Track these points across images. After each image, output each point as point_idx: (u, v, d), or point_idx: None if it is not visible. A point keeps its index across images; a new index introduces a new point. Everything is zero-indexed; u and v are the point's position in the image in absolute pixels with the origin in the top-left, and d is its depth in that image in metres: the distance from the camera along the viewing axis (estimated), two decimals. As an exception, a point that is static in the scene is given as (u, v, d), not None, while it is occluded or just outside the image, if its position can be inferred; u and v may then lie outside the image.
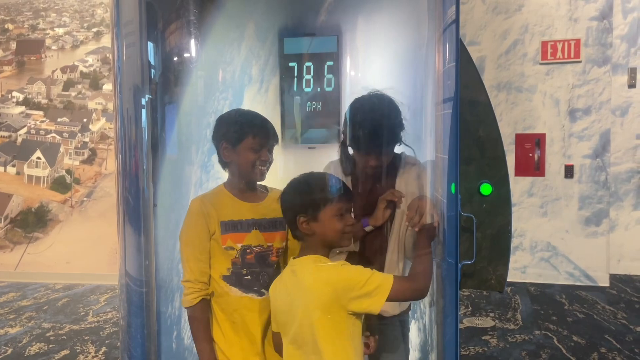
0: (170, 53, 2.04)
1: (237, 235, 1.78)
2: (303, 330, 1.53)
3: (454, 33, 1.66)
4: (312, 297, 1.52)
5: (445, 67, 1.71)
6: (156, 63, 1.90)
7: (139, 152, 1.83)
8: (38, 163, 6.22)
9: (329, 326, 1.52)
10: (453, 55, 1.67)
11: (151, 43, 1.86)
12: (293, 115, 2.30)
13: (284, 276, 1.65)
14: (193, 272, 1.76)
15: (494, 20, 5.70)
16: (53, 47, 6.40)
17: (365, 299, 1.51)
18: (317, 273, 1.54)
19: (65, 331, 4.38)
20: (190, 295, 1.76)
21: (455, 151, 1.63)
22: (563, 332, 4.18)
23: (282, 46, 2.30)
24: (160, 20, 1.89)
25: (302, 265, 1.58)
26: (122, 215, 1.90)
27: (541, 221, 5.67)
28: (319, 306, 1.51)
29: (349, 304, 1.51)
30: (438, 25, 1.78)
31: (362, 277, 1.52)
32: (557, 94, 5.56)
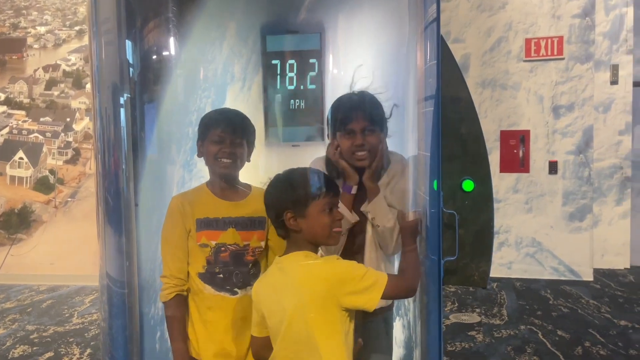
0: (149, 51, 2.02)
1: (211, 232, 1.78)
2: (295, 330, 1.49)
3: (435, 31, 1.67)
4: (305, 293, 1.49)
5: (427, 64, 1.71)
6: (135, 61, 1.88)
7: (118, 152, 1.81)
8: (20, 163, 6.14)
9: (324, 323, 1.49)
10: (434, 53, 1.67)
11: (129, 41, 1.83)
12: (276, 113, 2.30)
13: (270, 276, 1.60)
14: (169, 268, 1.79)
15: (479, 18, 5.73)
16: (35, 45, 6.32)
17: (362, 295, 1.49)
18: (309, 268, 1.51)
19: (50, 333, 4.33)
20: (166, 290, 1.79)
21: (437, 148, 1.64)
22: (548, 327, 4.22)
23: (264, 44, 2.28)
24: (138, 18, 1.87)
25: (292, 261, 1.54)
26: (101, 216, 1.88)
27: (526, 217, 5.72)
28: (313, 303, 1.48)
29: (344, 300, 1.49)
30: (419, 23, 1.79)
31: (359, 272, 1.50)
32: (541, 91, 5.60)
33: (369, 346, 1.93)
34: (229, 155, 1.79)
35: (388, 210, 1.85)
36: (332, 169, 1.88)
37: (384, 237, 1.85)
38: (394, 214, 1.84)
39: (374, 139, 1.80)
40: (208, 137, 1.82)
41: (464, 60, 5.77)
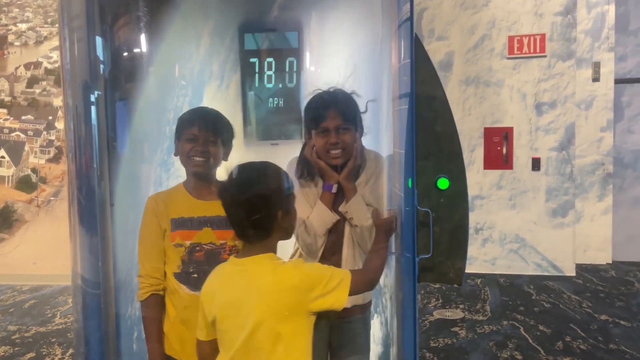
0: (123, 49, 2.00)
1: (186, 232, 1.78)
2: (260, 338, 1.42)
3: (408, 30, 1.67)
4: (274, 301, 1.42)
5: (401, 63, 1.71)
6: (106, 59, 1.86)
7: (90, 151, 1.79)
8: (2, 162, 6.06)
9: (292, 331, 1.44)
10: (408, 51, 1.67)
11: (100, 38, 1.81)
12: (254, 111, 2.29)
13: (228, 278, 1.50)
14: (145, 268, 1.79)
15: (462, 16, 5.76)
16: (16, 43, 6.23)
17: (329, 297, 1.45)
18: (279, 275, 1.44)
19: (32, 333, 4.29)
20: (142, 290, 1.79)
21: (412, 146, 1.64)
22: (530, 322, 4.26)
23: (242, 42, 2.28)
24: (109, 14, 1.85)
25: (257, 265, 1.46)
26: (73, 216, 1.86)
27: (510, 213, 5.77)
28: (282, 311, 1.42)
29: (313, 305, 1.44)
30: (393, 21, 1.79)
31: (325, 274, 1.47)
32: (524, 88, 5.65)
33: (349, 346, 1.94)
34: (202, 153, 1.78)
35: (366, 209, 1.86)
36: (304, 169, 1.88)
37: (362, 236, 1.86)
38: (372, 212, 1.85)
39: (348, 137, 1.80)
40: (183, 136, 1.82)
41: (447, 57, 5.80)
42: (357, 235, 1.86)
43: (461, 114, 5.77)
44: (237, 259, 1.51)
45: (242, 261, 1.48)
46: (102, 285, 1.85)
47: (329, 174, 1.83)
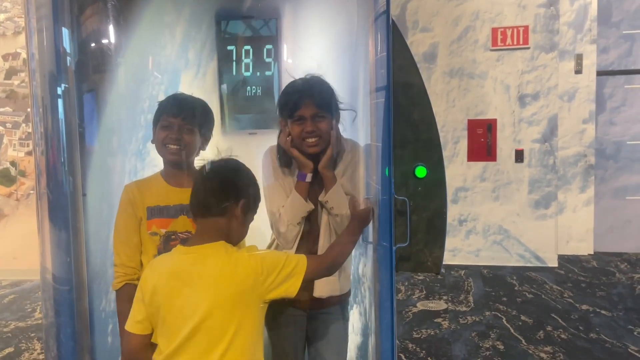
0: (91, 39, 1.95)
1: (162, 220, 1.76)
2: (210, 326, 1.37)
3: (384, 23, 1.64)
4: (227, 288, 1.38)
5: (378, 56, 1.69)
6: (73, 50, 1.80)
7: (57, 144, 1.74)
8: (-20, 155, 5.95)
9: (245, 318, 1.40)
10: (385, 45, 1.65)
11: (67, 29, 1.75)
12: (232, 100, 2.26)
13: (174, 267, 1.44)
14: (120, 257, 1.77)
15: (446, 7, 5.75)
16: (-7, 33, 6.10)
17: (283, 284, 1.44)
18: (232, 260, 1.42)
19: (11, 328, 4.23)
20: (116, 279, 1.77)
21: (389, 139, 1.63)
22: (512, 312, 4.29)
23: (219, 29, 2.24)
24: (76, 3, 1.79)
25: (209, 252, 1.43)
26: (41, 211, 1.82)
27: (493, 205, 5.79)
28: (234, 296, 1.39)
29: (266, 292, 1.42)
30: (369, 14, 1.76)
31: (279, 260, 1.45)
32: (507, 80, 5.66)
33: (325, 336, 1.92)
34: (176, 141, 1.75)
35: (346, 198, 1.83)
36: (283, 158, 1.86)
37: (342, 225, 1.83)
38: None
39: (324, 124, 1.77)
40: (159, 123, 1.79)
41: (432, 49, 5.79)
42: (337, 224, 1.84)
43: (445, 106, 5.77)
44: (185, 247, 1.47)
45: (191, 249, 1.45)
46: (74, 279, 1.81)
47: (303, 163, 1.80)
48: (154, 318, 1.44)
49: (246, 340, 1.42)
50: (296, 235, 1.84)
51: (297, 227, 1.80)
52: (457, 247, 5.86)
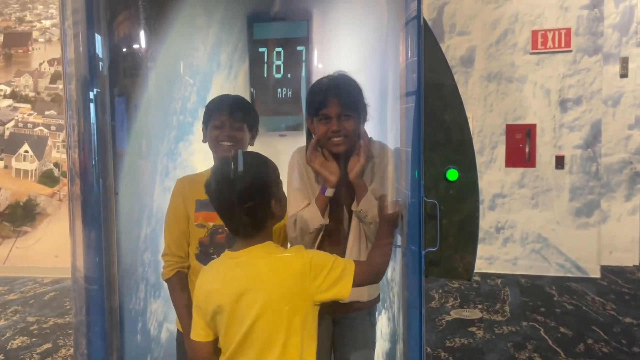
0: (123, 43, 1.98)
1: (209, 214, 1.80)
2: (259, 330, 1.37)
3: (415, 27, 1.61)
4: (273, 288, 1.37)
5: (408, 60, 1.66)
6: (105, 55, 1.84)
7: (89, 146, 1.78)
8: (26, 156, 6.17)
9: (297, 320, 1.39)
10: (415, 49, 1.61)
11: (99, 34, 1.79)
12: (263, 102, 2.26)
13: (223, 273, 1.44)
14: (169, 246, 1.83)
15: (484, 10, 5.64)
16: (40, 39, 6.34)
17: (333, 286, 1.41)
18: (280, 262, 1.40)
19: (50, 325, 4.35)
20: (167, 268, 1.83)
21: (418, 144, 1.59)
22: (550, 324, 4.14)
23: (251, 31, 2.25)
24: (109, 9, 1.83)
25: (255, 255, 1.41)
26: (73, 212, 1.86)
27: (532, 212, 5.63)
28: (283, 298, 1.37)
29: (315, 292, 1.39)
30: (400, 18, 1.73)
31: (327, 262, 1.42)
32: (548, 84, 5.50)
33: (351, 341, 1.88)
34: (229, 138, 1.84)
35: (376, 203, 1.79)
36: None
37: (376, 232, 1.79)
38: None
39: (350, 124, 1.74)
40: (210, 123, 1.87)
41: (469, 53, 5.69)
42: (371, 232, 1.77)
43: (482, 111, 5.66)
44: (232, 252, 1.45)
45: (238, 254, 1.43)
46: (104, 278, 1.83)
47: (325, 177, 1.75)
48: (213, 324, 1.45)
49: (300, 341, 1.40)
50: (307, 243, 1.79)
51: (309, 236, 1.76)
52: (494, 255, 5.71)
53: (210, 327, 1.45)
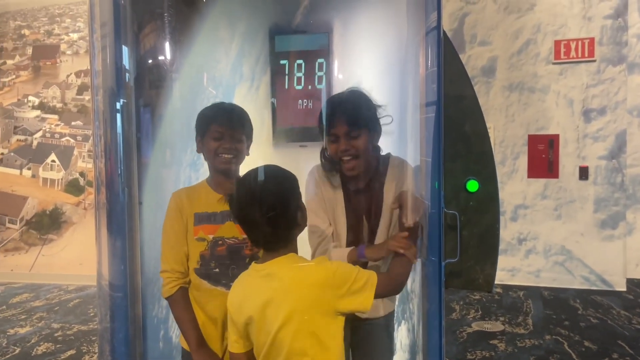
0: (148, 55, 2.03)
1: (210, 227, 1.78)
2: (282, 338, 1.39)
3: (435, 38, 1.62)
4: (299, 299, 1.39)
5: (428, 70, 1.67)
6: (132, 66, 1.89)
7: (115, 156, 1.82)
8: (53, 166, 6.32)
9: (320, 329, 1.40)
10: (435, 60, 1.63)
11: (126, 46, 1.84)
12: (283, 113, 2.29)
13: (251, 285, 1.48)
14: (169, 262, 1.79)
15: (506, 20, 5.61)
16: (68, 52, 6.51)
17: (356, 297, 1.42)
18: (303, 272, 1.42)
19: (74, 331, 4.42)
20: (168, 285, 1.78)
21: (438, 155, 1.59)
22: (574, 337, 4.07)
23: (272, 44, 2.28)
24: (135, 21, 1.88)
25: (281, 267, 1.43)
26: (98, 220, 1.90)
27: (555, 224, 5.55)
28: (307, 307, 1.39)
29: (340, 303, 1.41)
30: (420, 28, 1.75)
31: (351, 273, 1.43)
32: (571, 94, 5.44)
33: (371, 350, 1.89)
34: (229, 150, 1.78)
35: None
36: (327, 165, 1.84)
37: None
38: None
39: (359, 142, 1.73)
40: (207, 133, 1.81)
41: (490, 63, 5.66)
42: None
43: (504, 121, 5.62)
44: (258, 265, 1.48)
45: (263, 266, 1.46)
46: (128, 286, 1.87)
47: (376, 253, 1.70)
48: (246, 334, 1.48)
49: (326, 351, 1.41)
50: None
51: (323, 251, 1.79)
52: (516, 267, 5.64)
53: (244, 337, 1.49)
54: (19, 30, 6.64)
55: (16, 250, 6.27)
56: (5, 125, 6.48)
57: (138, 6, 1.88)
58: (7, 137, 6.46)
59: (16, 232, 6.30)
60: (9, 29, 6.66)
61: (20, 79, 6.56)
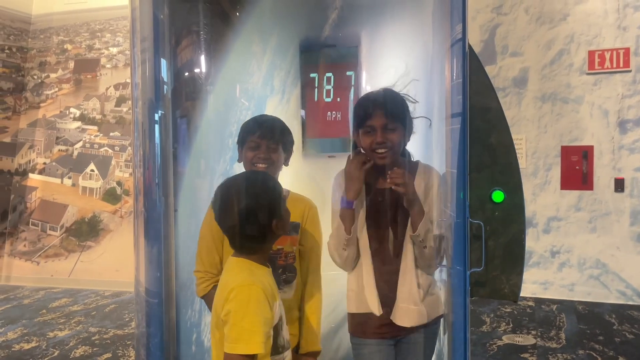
0: (185, 68, 2.13)
1: None
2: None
3: (461, 49, 1.66)
4: (217, 304, 1.52)
5: (454, 82, 1.71)
6: (170, 79, 1.98)
7: (153, 166, 1.90)
8: (92, 175, 6.55)
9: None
10: (460, 72, 1.67)
11: (165, 59, 1.94)
12: (313, 124, 2.35)
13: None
14: (203, 264, 1.86)
15: (538, 31, 5.58)
16: (107, 65, 6.76)
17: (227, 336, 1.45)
18: (223, 281, 1.54)
19: (110, 336, 4.56)
20: (202, 284, 1.86)
21: (464, 166, 1.63)
22: (609, 353, 3.98)
23: (303, 57, 2.36)
24: (173, 36, 1.98)
25: (227, 266, 1.58)
26: (137, 228, 1.98)
27: (590, 237, 5.44)
28: (217, 315, 1.50)
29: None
30: (446, 40, 1.79)
31: (238, 312, 1.43)
32: (606, 105, 5.35)
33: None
34: (264, 160, 1.85)
35: (431, 226, 1.78)
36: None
37: (431, 256, 1.79)
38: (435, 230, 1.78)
39: (395, 136, 1.78)
40: (246, 144, 1.90)
41: (522, 74, 5.62)
42: (424, 258, 1.78)
43: (536, 132, 5.56)
44: (230, 258, 1.61)
45: (229, 260, 1.59)
46: (163, 291, 1.94)
47: (350, 190, 1.79)
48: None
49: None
50: (345, 260, 1.84)
51: (344, 252, 1.80)
52: (549, 280, 5.54)
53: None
54: (62, 45, 6.94)
55: (56, 256, 6.50)
56: (48, 136, 6.76)
57: (176, 21, 1.97)
58: (50, 148, 6.73)
59: (57, 239, 6.54)
60: (52, 44, 6.96)
61: (62, 92, 6.84)
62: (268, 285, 1.51)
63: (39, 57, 6.98)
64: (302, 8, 2.33)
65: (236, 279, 1.49)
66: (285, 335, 1.58)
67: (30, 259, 6.54)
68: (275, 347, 1.51)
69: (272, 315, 1.46)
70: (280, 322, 1.55)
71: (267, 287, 1.49)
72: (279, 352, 1.53)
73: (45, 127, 6.79)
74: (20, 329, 4.75)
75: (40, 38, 7.01)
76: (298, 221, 1.90)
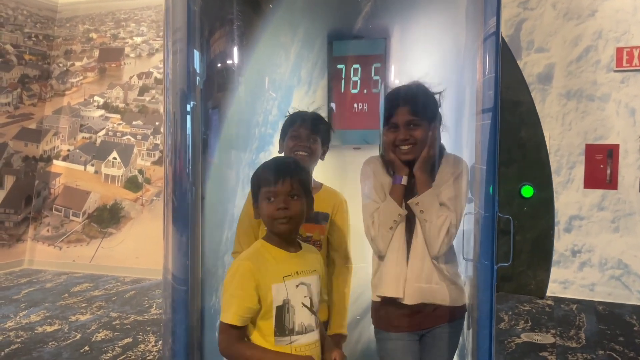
0: (217, 60, 2.14)
1: None
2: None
3: (494, 44, 1.65)
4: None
5: (485, 77, 1.69)
6: (201, 70, 2.00)
7: (184, 156, 1.93)
8: (114, 163, 6.63)
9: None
10: (493, 66, 1.65)
11: (197, 51, 1.96)
12: (339, 116, 2.35)
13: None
14: (241, 245, 1.93)
15: (565, 26, 5.49)
16: (131, 54, 6.82)
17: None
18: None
19: (130, 321, 4.63)
20: None
21: (494, 162, 1.62)
22: (629, 354, 3.93)
23: (330, 49, 2.36)
24: (207, 27, 1.99)
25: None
26: (166, 217, 2.02)
27: (612, 237, 5.36)
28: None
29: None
30: (479, 34, 1.77)
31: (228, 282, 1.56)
32: (633, 103, 5.25)
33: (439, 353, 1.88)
34: (305, 148, 1.96)
35: (439, 206, 1.79)
36: (387, 164, 1.89)
37: (430, 234, 1.78)
38: (445, 212, 1.78)
39: (419, 132, 1.77)
40: (288, 133, 2.00)
41: (547, 70, 5.53)
42: (426, 233, 1.79)
43: (560, 129, 5.47)
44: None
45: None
46: (189, 279, 1.97)
47: (399, 167, 1.81)
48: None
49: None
50: (388, 241, 1.82)
51: (389, 233, 1.79)
52: (569, 279, 5.47)
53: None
54: (87, 33, 7.01)
55: (78, 242, 6.61)
56: (72, 124, 6.85)
57: (209, 12, 1.99)
58: (74, 135, 6.83)
59: (79, 225, 6.64)
60: (77, 33, 7.04)
61: (87, 80, 6.92)
62: (270, 266, 1.55)
63: (65, 45, 7.07)
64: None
65: (240, 256, 1.61)
66: (296, 320, 1.59)
67: (53, 243, 6.66)
68: (281, 328, 1.55)
69: (255, 294, 1.51)
70: (287, 306, 1.57)
71: (264, 268, 1.54)
72: (285, 334, 1.56)
73: (70, 115, 6.89)
74: (42, 311, 4.85)
75: (66, 26, 7.10)
76: (328, 212, 1.97)
